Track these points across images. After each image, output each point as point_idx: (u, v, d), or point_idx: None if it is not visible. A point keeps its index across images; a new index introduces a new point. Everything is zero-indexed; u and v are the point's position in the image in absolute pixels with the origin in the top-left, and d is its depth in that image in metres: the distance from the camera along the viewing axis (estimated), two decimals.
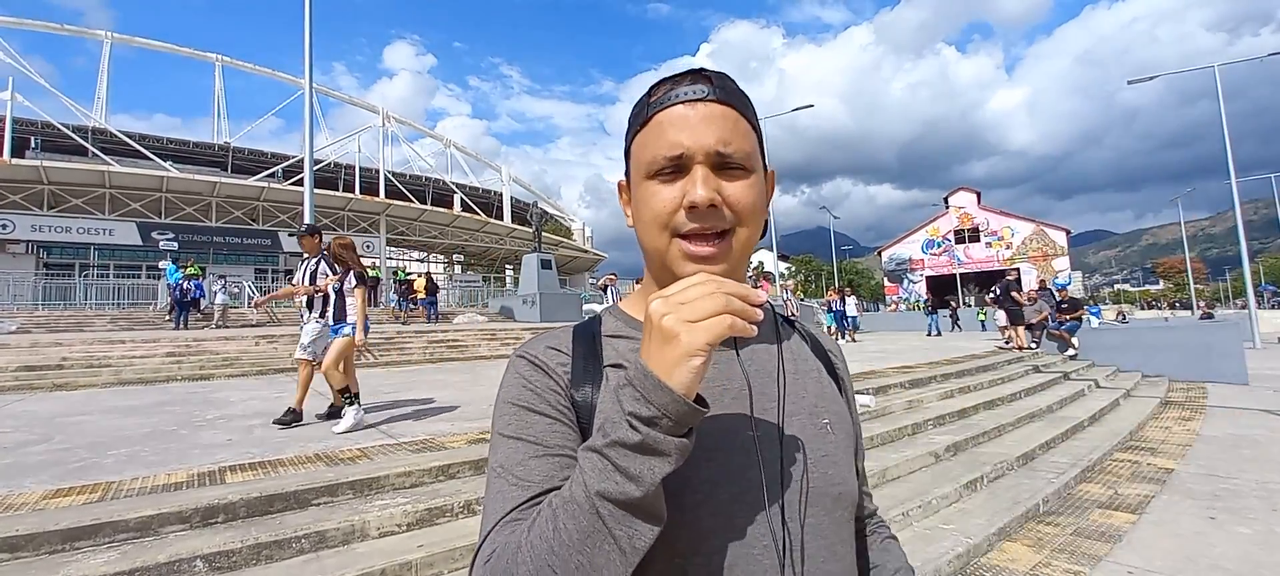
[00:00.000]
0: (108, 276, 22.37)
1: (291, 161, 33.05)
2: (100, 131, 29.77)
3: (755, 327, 0.51)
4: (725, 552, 0.59)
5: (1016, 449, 5.40)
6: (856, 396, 0.85)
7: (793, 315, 0.88)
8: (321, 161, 33.31)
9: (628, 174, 0.71)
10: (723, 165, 0.63)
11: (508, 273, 39.80)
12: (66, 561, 2.60)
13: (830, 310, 19.56)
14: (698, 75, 0.66)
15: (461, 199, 39.09)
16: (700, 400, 0.50)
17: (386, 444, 4.33)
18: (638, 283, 0.85)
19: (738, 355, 0.67)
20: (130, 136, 30.19)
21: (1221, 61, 20.52)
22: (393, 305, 20.49)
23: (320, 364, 5.13)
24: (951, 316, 29.43)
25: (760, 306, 0.52)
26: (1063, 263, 48.03)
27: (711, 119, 0.63)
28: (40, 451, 4.38)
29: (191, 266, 17.66)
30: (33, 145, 28.30)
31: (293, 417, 5.05)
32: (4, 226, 22.91)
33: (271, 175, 31.89)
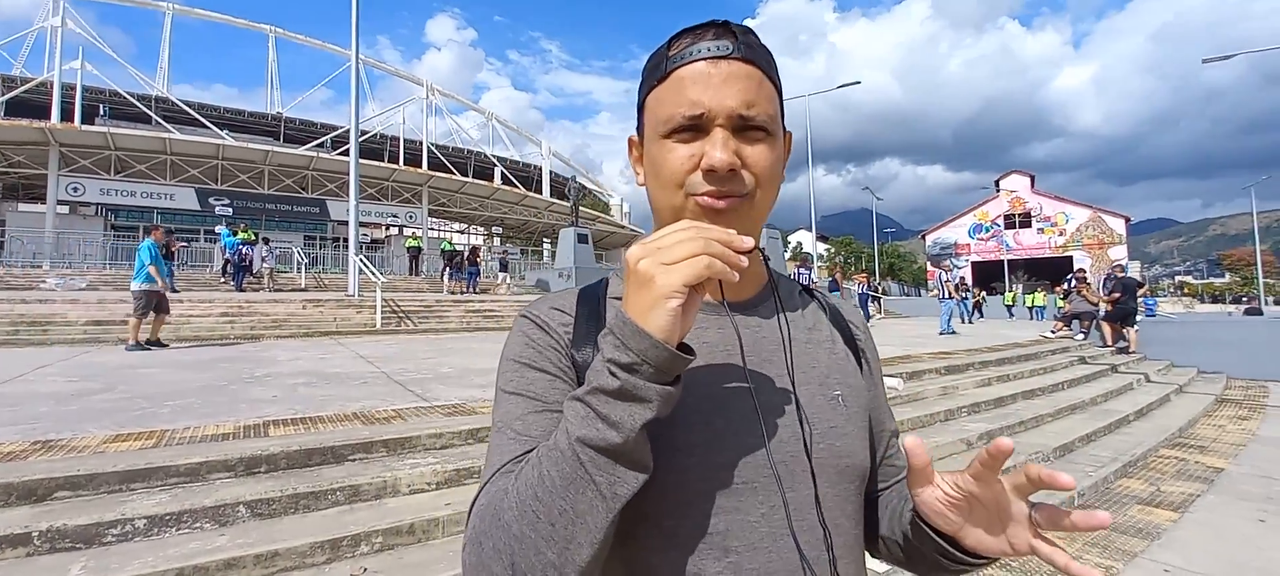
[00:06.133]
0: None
1: (339, 132, 33.85)
2: (162, 100, 31.05)
3: (737, 274, 0.50)
4: (720, 516, 0.58)
5: (1055, 440, 5.25)
6: (885, 379, 0.83)
7: (812, 284, 0.86)
8: (367, 133, 34.02)
9: (640, 129, 0.68)
10: (743, 127, 0.60)
11: (545, 246, 40.21)
12: (123, 500, 2.79)
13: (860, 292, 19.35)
14: (722, 29, 0.62)
15: (502, 172, 39.47)
16: (686, 348, 0.50)
17: (420, 406, 4.48)
18: None
19: (733, 319, 0.64)
20: (190, 105, 31.40)
21: None
22: (438, 275, 20.90)
23: None
24: (976, 305, 26.67)
25: (748, 253, 0.51)
26: (1120, 251, 45.81)
27: (734, 78, 0.60)
28: (104, 399, 4.68)
29: (246, 232, 18.38)
30: (101, 113, 29.68)
31: None
32: (75, 189, 24.21)
33: (320, 145, 32.74)
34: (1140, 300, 12.33)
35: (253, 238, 17.88)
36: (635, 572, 0.59)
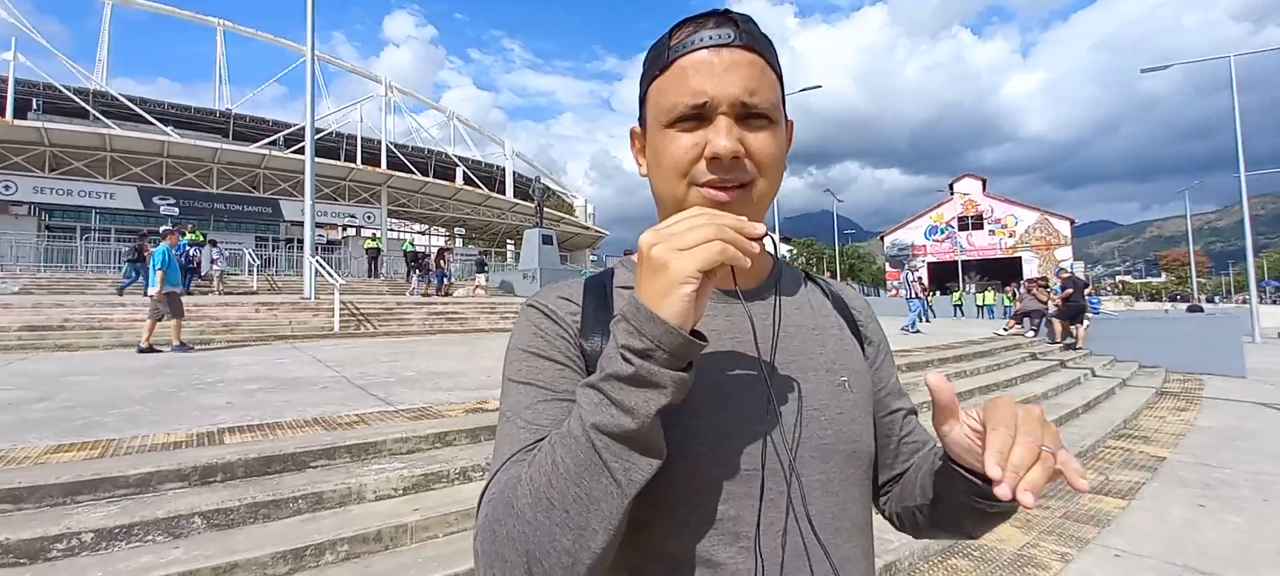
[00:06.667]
0: (109, 240, 22.36)
1: (293, 129, 32.79)
2: (101, 94, 29.51)
3: (749, 260, 0.51)
4: (730, 502, 0.59)
5: None
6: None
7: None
8: (323, 131, 33.07)
9: (642, 121, 0.69)
10: (746, 115, 0.61)
11: (509, 247, 39.76)
12: (68, 514, 2.64)
13: None
14: (723, 17, 0.62)
15: (464, 172, 38.87)
16: (698, 335, 0.50)
17: (385, 411, 4.37)
18: None
19: (746, 306, 0.64)
20: (132, 100, 29.90)
21: (1238, 52, 20.25)
22: (404, 278, 20.39)
23: None
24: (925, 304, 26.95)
25: (758, 239, 0.51)
26: (1065, 252, 47.86)
27: (737, 66, 0.60)
28: (43, 409, 4.42)
29: (194, 232, 17.65)
30: (35, 106, 28.08)
31: None
32: (6, 187, 22.84)
33: (273, 143, 31.65)
34: (1086, 299, 12.95)
35: (201, 239, 17.19)
36: (648, 559, 0.59)
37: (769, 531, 0.59)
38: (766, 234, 0.55)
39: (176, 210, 25.53)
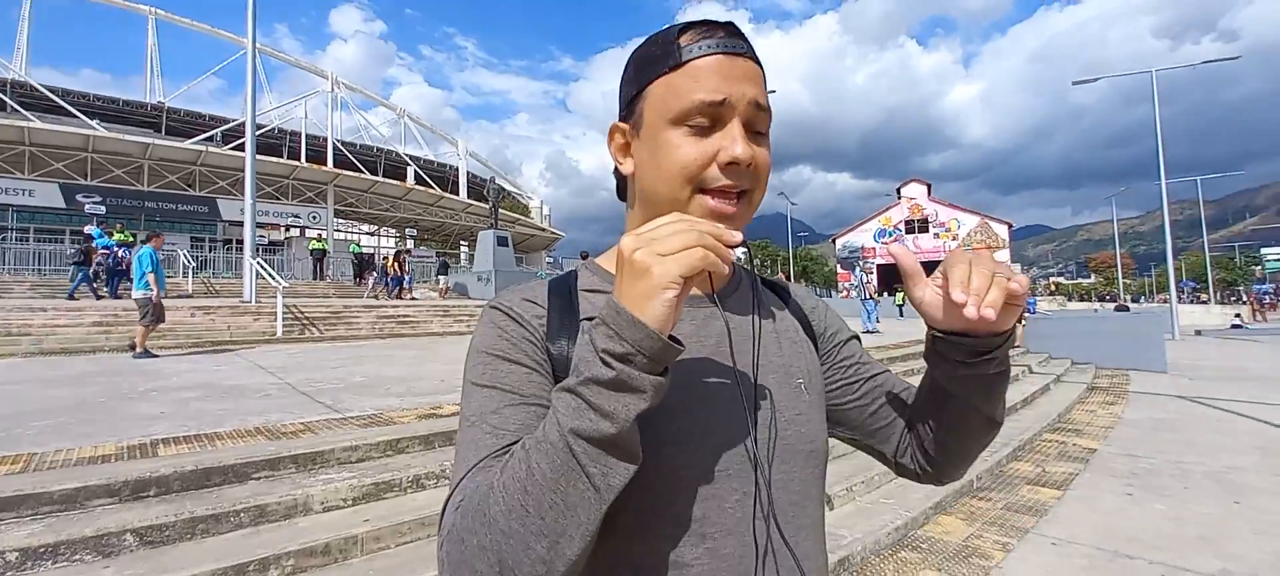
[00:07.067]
0: (27, 241, 20.93)
1: (232, 125, 31.40)
2: (20, 85, 27.54)
3: (727, 267, 0.51)
4: (699, 504, 0.59)
5: None
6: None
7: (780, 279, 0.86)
8: (265, 126, 31.78)
9: (628, 117, 0.67)
10: (750, 125, 0.62)
11: (463, 249, 39.07)
12: None
13: None
14: (732, 28, 0.64)
15: (415, 172, 38.00)
16: (675, 339, 0.50)
17: (332, 419, 4.22)
18: None
19: (721, 308, 0.67)
20: (54, 91, 28.02)
21: (1160, 67, 21.64)
22: (362, 281, 19.76)
23: None
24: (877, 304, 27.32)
25: (735, 248, 0.52)
26: (1004, 255, 50.12)
27: (751, 76, 0.62)
28: None
29: (123, 232, 16.67)
30: None
31: None
32: None
33: (209, 139, 30.21)
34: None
35: (130, 239, 16.26)
36: (617, 562, 0.59)
37: (735, 531, 0.60)
38: (743, 243, 0.55)
39: (103, 209, 24.09)
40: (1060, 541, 3.62)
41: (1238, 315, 31.52)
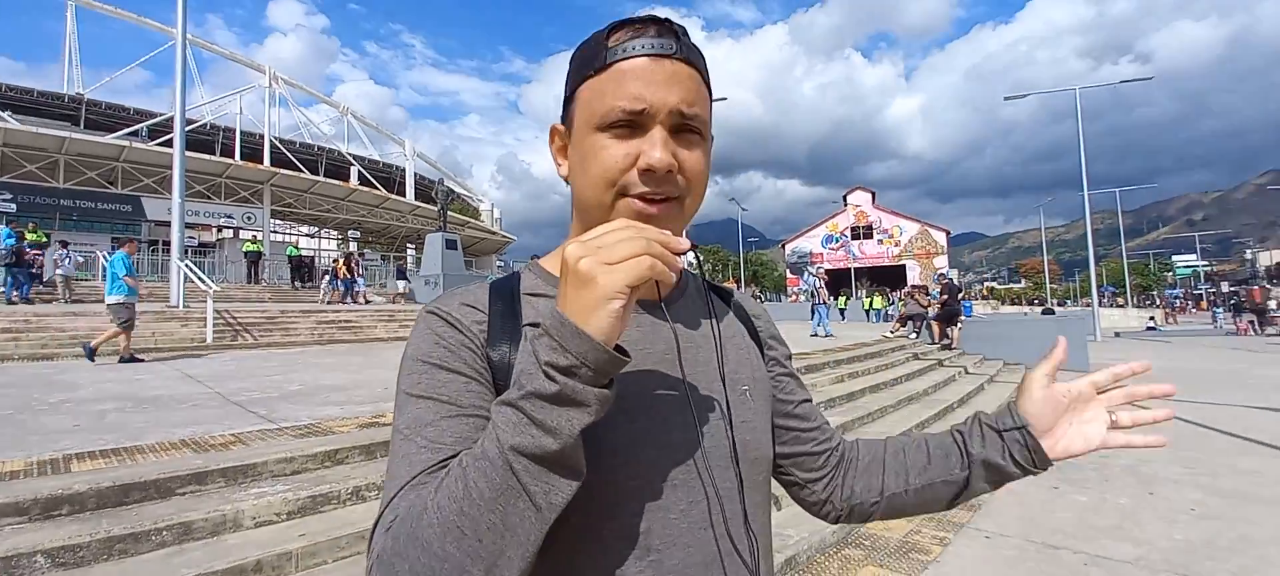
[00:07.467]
0: None
1: (159, 119, 29.70)
2: None
3: (675, 275, 0.50)
4: (644, 516, 0.58)
5: (897, 428, 5.85)
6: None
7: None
8: (196, 121, 30.23)
9: (565, 119, 0.66)
10: (680, 128, 0.60)
11: (410, 252, 38.02)
12: None
13: None
14: (664, 26, 0.61)
15: (359, 172, 36.79)
16: (621, 350, 0.48)
17: (265, 429, 4.02)
18: None
19: (668, 316, 0.64)
20: None
21: (1082, 85, 23.04)
22: (285, 284, 18.95)
23: None
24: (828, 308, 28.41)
25: (682, 254, 0.51)
26: (942, 260, 52.35)
27: (676, 78, 0.59)
28: None
29: (36, 232, 15.54)
30: None
31: None
32: None
33: (134, 133, 28.45)
34: (960, 303, 14.29)
35: (44, 239, 15.17)
36: None
37: (680, 542, 0.59)
38: (691, 248, 0.54)
39: (13, 206, 22.36)
40: (992, 534, 3.79)
41: (1151, 318, 33.93)
